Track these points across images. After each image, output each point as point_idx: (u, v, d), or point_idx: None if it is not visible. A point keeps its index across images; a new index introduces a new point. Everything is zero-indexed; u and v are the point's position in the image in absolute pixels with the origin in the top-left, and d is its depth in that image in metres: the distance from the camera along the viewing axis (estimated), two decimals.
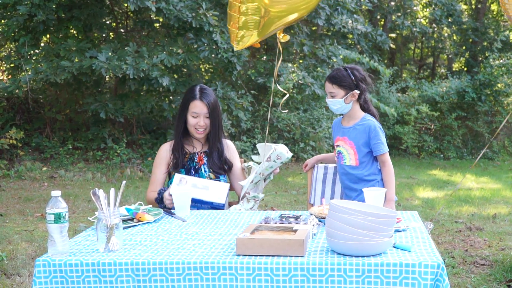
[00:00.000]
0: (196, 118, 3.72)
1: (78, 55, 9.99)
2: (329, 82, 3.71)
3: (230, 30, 3.89)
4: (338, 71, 3.73)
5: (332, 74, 3.73)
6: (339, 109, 3.73)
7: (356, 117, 3.78)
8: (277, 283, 2.31)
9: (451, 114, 14.36)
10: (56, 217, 2.43)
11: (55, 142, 11.28)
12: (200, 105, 3.71)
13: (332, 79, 3.70)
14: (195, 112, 3.71)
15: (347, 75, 3.68)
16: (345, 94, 3.66)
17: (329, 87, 3.71)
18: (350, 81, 3.67)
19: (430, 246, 2.48)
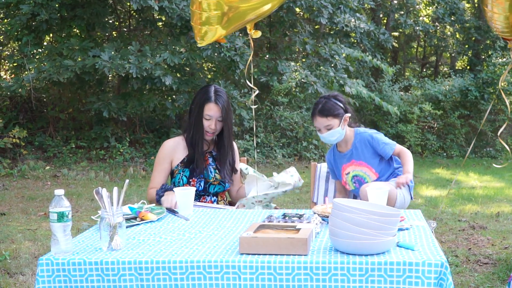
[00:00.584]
0: (208, 121, 3.70)
1: (81, 54, 10.00)
2: (322, 116, 3.63)
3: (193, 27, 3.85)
4: (324, 103, 3.66)
5: (320, 108, 3.65)
6: (338, 138, 3.69)
7: (349, 138, 3.76)
8: (280, 282, 2.31)
9: (454, 113, 14.34)
10: (59, 216, 2.43)
11: (58, 141, 11.29)
12: (214, 108, 3.68)
13: (324, 112, 3.63)
14: (209, 115, 3.68)
15: (334, 103, 3.64)
16: (339, 122, 3.64)
17: (324, 121, 3.63)
18: (339, 108, 3.64)
19: (433, 245, 2.48)
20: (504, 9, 3.27)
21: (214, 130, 3.71)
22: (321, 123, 3.65)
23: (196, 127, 3.72)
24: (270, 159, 11.81)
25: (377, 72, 15.39)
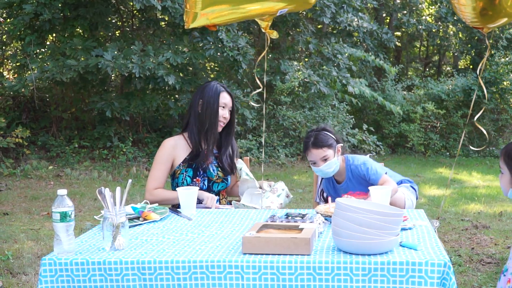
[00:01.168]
0: (223, 110, 3.72)
1: (84, 54, 10.00)
2: (317, 148, 3.60)
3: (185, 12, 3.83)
4: (316, 136, 3.64)
5: (313, 140, 3.62)
6: (335, 170, 3.66)
7: (342, 169, 3.74)
8: (283, 282, 2.31)
9: (457, 112, 14.33)
10: (62, 216, 2.43)
11: (61, 141, 11.30)
12: (227, 97, 3.75)
13: (318, 144, 3.60)
14: (224, 103, 3.72)
15: (325, 134, 3.63)
16: (334, 152, 3.62)
17: (320, 152, 3.60)
18: (331, 139, 3.63)
19: (436, 245, 2.47)
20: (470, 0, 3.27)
21: (226, 120, 3.73)
22: (317, 155, 3.61)
23: (213, 119, 3.69)
24: (273, 159, 11.80)
25: (380, 71, 15.38)
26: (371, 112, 14.45)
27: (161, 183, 3.70)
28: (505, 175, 2.63)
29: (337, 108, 12.95)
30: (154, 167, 3.72)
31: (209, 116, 3.69)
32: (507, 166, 2.60)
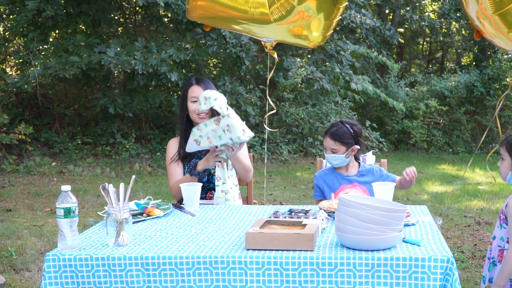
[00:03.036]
0: (195, 103, 3.70)
1: (86, 51, 10.01)
2: (331, 139, 3.63)
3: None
4: (338, 127, 3.67)
5: (333, 130, 3.66)
6: (339, 164, 3.67)
7: (354, 166, 3.75)
8: (286, 277, 2.31)
9: (460, 109, 14.31)
10: (66, 212, 2.43)
11: (64, 137, 11.31)
12: (197, 89, 3.73)
13: (334, 136, 3.62)
14: (194, 97, 3.71)
15: (348, 131, 3.64)
16: (346, 150, 3.62)
17: (331, 143, 3.63)
18: (351, 137, 3.63)
19: (439, 241, 2.48)
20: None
21: (203, 111, 3.69)
22: (329, 145, 3.65)
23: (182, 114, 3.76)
24: (276, 155, 11.81)
25: (383, 68, 15.37)
26: (374, 108, 14.44)
27: (179, 175, 3.74)
28: (505, 161, 3.11)
29: (340, 104, 12.94)
30: (167, 167, 3.80)
31: (179, 118, 3.82)
32: (509, 153, 3.08)
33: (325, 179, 3.76)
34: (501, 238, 3.12)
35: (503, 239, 3.10)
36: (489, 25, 3.25)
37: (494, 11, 3.14)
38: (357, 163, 3.78)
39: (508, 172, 3.11)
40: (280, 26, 3.77)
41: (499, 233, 3.13)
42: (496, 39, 3.39)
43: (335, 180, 3.71)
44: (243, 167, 3.67)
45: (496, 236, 3.15)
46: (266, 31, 3.91)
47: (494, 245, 3.16)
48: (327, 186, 3.72)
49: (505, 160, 3.12)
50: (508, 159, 3.10)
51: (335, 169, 3.76)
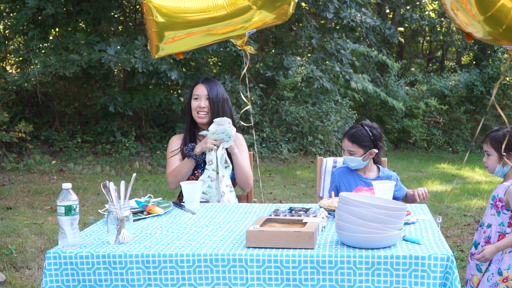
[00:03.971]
0: (197, 101, 3.76)
1: (87, 49, 10.01)
2: (349, 141, 3.63)
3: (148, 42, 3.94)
4: (357, 129, 3.66)
5: (352, 132, 3.65)
6: (356, 166, 3.67)
7: (372, 170, 3.75)
8: (287, 275, 2.32)
9: (459, 108, 14.32)
10: (67, 210, 2.44)
11: (64, 136, 11.32)
12: (200, 88, 3.78)
13: (352, 138, 3.62)
14: (196, 94, 3.78)
15: (367, 134, 3.63)
16: (364, 152, 3.62)
17: (349, 145, 3.63)
18: (369, 141, 3.62)
19: (439, 239, 2.48)
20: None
21: (203, 109, 3.73)
22: (346, 146, 3.65)
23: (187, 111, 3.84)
24: (275, 154, 11.81)
25: (383, 67, 15.37)
26: (374, 107, 14.45)
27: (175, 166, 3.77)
28: (492, 156, 3.35)
29: (340, 103, 12.94)
30: (168, 159, 3.84)
31: (186, 109, 3.89)
32: (494, 148, 3.32)
33: (343, 177, 3.76)
34: (500, 224, 3.26)
35: (503, 224, 3.25)
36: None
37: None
38: (376, 167, 3.77)
39: (496, 166, 3.33)
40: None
41: (496, 220, 3.27)
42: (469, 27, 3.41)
43: (352, 180, 3.70)
44: (244, 172, 3.74)
45: (492, 223, 3.29)
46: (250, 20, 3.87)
47: (493, 231, 3.27)
48: (343, 185, 3.72)
49: (491, 155, 3.35)
50: (494, 153, 3.32)
51: (355, 169, 3.76)
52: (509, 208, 3.23)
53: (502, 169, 3.32)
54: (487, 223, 3.32)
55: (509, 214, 3.23)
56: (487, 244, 3.27)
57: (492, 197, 3.32)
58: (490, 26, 3.26)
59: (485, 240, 3.29)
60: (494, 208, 3.29)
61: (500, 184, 3.34)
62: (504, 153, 3.27)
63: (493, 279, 3.23)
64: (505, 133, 3.30)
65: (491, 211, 3.30)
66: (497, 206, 3.27)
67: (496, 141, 3.31)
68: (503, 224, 3.25)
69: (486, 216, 3.36)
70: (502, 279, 3.20)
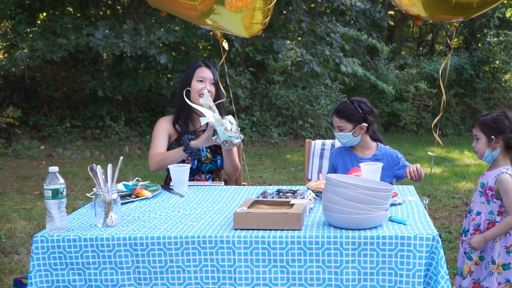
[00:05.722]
0: (202, 83, 3.71)
1: (74, 33, 9.94)
2: (336, 116, 3.64)
3: None
4: (345, 105, 3.67)
5: (339, 108, 3.66)
6: (347, 142, 3.67)
7: (370, 147, 3.74)
8: (274, 256, 2.33)
9: (449, 91, 14.36)
10: (54, 193, 2.43)
11: (53, 121, 11.27)
12: (206, 71, 3.75)
13: (339, 113, 3.63)
14: (202, 77, 3.72)
15: (354, 108, 3.62)
16: (353, 127, 3.61)
17: (337, 121, 3.64)
18: (357, 115, 3.61)
19: (425, 220, 2.50)
20: None
21: (210, 93, 3.68)
22: (335, 123, 3.67)
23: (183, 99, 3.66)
24: (266, 138, 11.81)
25: (373, 50, 15.36)
26: (363, 91, 14.46)
27: (162, 148, 3.71)
28: (480, 140, 3.32)
29: (330, 87, 12.94)
30: (153, 139, 3.76)
31: (182, 89, 3.73)
32: (483, 132, 3.30)
33: (340, 157, 3.77)
34: (489, 212, 3.26)
35: (493, 213, 3.25)
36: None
37: None
38: (375, 144, 3.77)
39: (485, 150, 3.30)
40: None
41: (485, 208, 3.28)
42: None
43: (349, 160, 3.72)
44: (233, 164, 3.74)
45: (482, 211, 3.29)
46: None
47: (482, 219, 3.28)
48: (340, 165, 3.74)
49: (480, 139, 3.32)
50: (483, 137, 3.29)
51: (351, 148, 3.76)
52: (499, 197, 3.23)
53: (491, 153, 3.30)
54: (476, 210, 3.34)
55: (499, 203, 3.23)
56: (476, 232, 3.29)
57: (481, 185, 3.33)
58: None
59: (474, 228, 3.31)
60: (483, 196, 3.30)
61: (488, 172, 3.34)
62: (492, 136, 3.25)
63: (489, 267, 3.26)
64: (494, 117, 3.29)
65: (481, 199, 3.31)
66: (487, 194, 3.28)
67: (485, 124, 3.30)
68: (493, 212, 3.26)
69: (475, 203, 3.37)
70: (496, 267, 3.23)
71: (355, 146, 3.74)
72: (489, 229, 3.24)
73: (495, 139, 3.25)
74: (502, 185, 3.19)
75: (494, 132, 3.25)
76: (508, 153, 3.32)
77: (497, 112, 3.35)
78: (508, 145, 3.27)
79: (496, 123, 3.26)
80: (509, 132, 3.24)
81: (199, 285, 2.38)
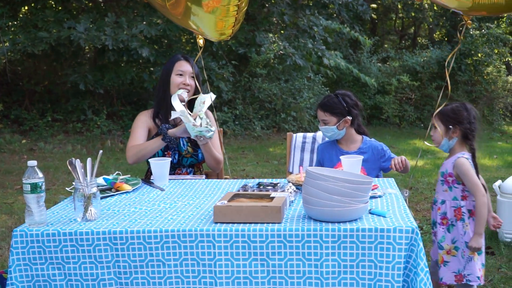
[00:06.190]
0: (181, 77, 3.69)
1: (56, 26, 9.86)
2: (320, 110, 3.65)
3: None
4: (329, 98, 3.68)
5: (323, 101, 3.68)
6: (333, 136, 3.68)
7: (355, 141, 3.75)
8: (254, 250, 2.33)
9: (431, 84, 14.43)
10: (32, 187, 2.42)
11: (34, 114, 11.19)
12: (185, 64, 3.72)
13: (323, 107, 3.64)
14: (181, 70, 3.69)
15: (338, 102, 3.63)
16: (337, 121, 3.62)
17: (321, 114, 3.65)
18: (342, 108, 3.62)
19: (405, 212, 2.51)
20: None
21: (187, 86, 3.68)
22: (320, 116, 3.67)
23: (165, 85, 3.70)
24: (248, 131, 11.81)
25: (356, 43, 15.39)
26: (346, 84, 14.49)
27: (141, 141, 3.69)
28: (438, 129, 3.45)
29: (312, 80, 12.96)
30: (132, 132, 3.75)
31: (162, 83, 3.73)
32: (441, 122, 3.44)
33: (326, 152, 3.78)
34: (453, 199, 3.38)
35: (457, 198, 3.38)
36: None
37: None
38: (360, 137, 3.77)
39: (442, 139, 3.45)
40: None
41: (449, 195, 3.40)
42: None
43: (334, 154, 3.72)
44: (213, 157, 3.69)
45: (446, 199, 3.40)
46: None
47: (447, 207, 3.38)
48: (327, 160, 3.74)
49: (437, 129, 3.46)
50: (441, 126, 3.44)
51: (337, 142, 3.77)
52: (460, 182, 3.35)
53: (448, 142, 3.44)
54: (441, 199, 3.43)
55: (461, 187, 3.35)
56: (443, 221, 3.37)
57: (441, 174, 3.43)
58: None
59: (441, 217, 3.38)
60: (445, 184, 3.41)
61: (446, 160, 3.47)
62: (450, 126, 3.39)
63: (465, 254, 3.32)
64: (454, 108, 3.43)
65: (443, 187, 3.42)
66: (448, 181, 3.40)
67: (444, 114, 3.44)
68: (457, 198, 3.37)
69: (438, 193, 3.47)
70: (472, 252, 3.31)
71: (341, 140, 3.74)
72: (457, 215, 3.34)
73: (453, 129, 3.40)
74: (460, 169, 3.32)
75: (452, 122, 3.39)
76: (465, 143, 3.46)
77: (457, 103, 3.50)
78: (465, 136, 3.42)
79: (455, 114, 3.40)
80: (467, 123, 3.39)
81: (179, 278, 2.37)
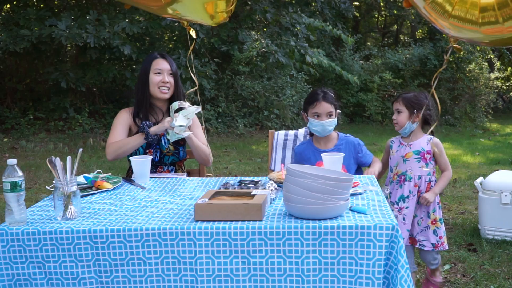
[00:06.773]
0: (159, 75, 3.67)
1: (37, 24, 9.80)
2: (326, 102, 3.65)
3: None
4: (327, 92, 3.70)
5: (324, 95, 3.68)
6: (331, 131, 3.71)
7: (332, 138, 3.77)
8: (235, 247, 2.33)
9: (413, 81, 14.51)
10: (12, 186, 2.40)
11: (16, 113, 11.11)
12: (162, 62, 3.70)
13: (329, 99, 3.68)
14: (159, 69, 3.68)
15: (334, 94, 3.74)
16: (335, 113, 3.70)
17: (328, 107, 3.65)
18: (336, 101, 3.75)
19: (385, 209, 2.52)
20: None
21: (167, 84, 3.67)
22: (325, 109, 3.64)
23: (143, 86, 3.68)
24: (231, 129, 11.80)
25: (338, 41, 15.44)
26: (329, 81, 14.54)
27: (120, 139, 3.65)
28: (402, 113, 3.69)
29: (295, 78, 12.98)
30: (112, 129, 3.71)
31: (141, 83, 3.72)
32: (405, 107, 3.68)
33: (303, 154, 3.78)
34: (428, 174, 3.70)
35: (430, 174, 3.71)
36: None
37: None
38: (335, 134, 3.79)
39: (406, 123, 3.68)
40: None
41: (425, 171, 3.69)
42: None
43: (312, 155, 3.72)
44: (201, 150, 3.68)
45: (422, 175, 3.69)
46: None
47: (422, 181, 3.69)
48: (305, 162, 3.73)
49: (402, 112, 3.69)
50: (405, 111, 3.68)
51: (313, 143, 3.77)
52: (434, 158, 3.71)
53: (411, 125, 3.67)
54: (417, 175, 3.69)
55: (433, 164, 3.71)
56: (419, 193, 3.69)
57: (416, 152, 3.69)
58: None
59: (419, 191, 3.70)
60: (422, 161, 3.69)
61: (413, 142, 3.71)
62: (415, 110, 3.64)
63: (423, 223, 3.68)
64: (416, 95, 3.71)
65: (419, 164, 3.68)
66: (426, 158, 3.68)
67: (408, 100, 3.68)
68: (430, 173, 3.71)
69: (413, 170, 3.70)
70: (431, 222, 3.67)
71: (318, 139, 3.75)
72: (428, 188, 3.68)
73: (416, 113, 3.64)
74: (439, 147, 3.69)
75: (416, 107, 3.64)
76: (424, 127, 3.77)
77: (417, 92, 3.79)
78: (426, 120, 3.73)
79: (418, 100, 3.67)
80: (427, 109, 3.68)
81: (160, 277, 2.37)
